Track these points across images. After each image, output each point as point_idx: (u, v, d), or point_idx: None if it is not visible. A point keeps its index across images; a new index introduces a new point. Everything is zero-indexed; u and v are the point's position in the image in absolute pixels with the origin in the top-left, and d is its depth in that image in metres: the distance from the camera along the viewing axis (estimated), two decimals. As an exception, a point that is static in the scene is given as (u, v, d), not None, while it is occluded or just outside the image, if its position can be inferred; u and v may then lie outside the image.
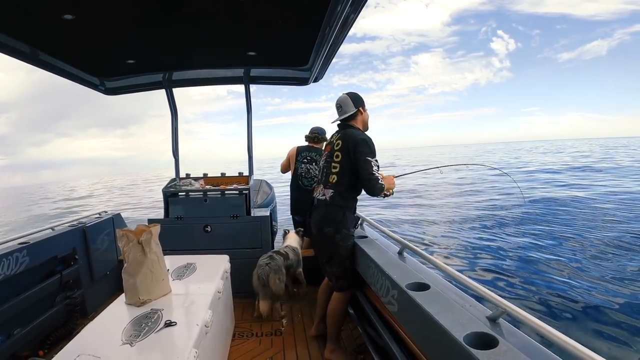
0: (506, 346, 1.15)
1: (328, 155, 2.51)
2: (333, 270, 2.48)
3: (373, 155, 2.31)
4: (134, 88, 3.82)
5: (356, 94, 2.54)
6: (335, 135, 2.54)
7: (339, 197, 2.39)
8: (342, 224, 2.40)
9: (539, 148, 78.20)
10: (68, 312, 2.88)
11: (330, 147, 2.51)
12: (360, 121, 2.54)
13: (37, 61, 2.71)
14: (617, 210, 10.34)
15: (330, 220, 2.41)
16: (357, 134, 2.39)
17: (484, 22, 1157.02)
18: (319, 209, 2.48)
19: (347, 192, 2.41)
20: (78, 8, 2.04)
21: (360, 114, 2.53)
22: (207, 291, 2.09)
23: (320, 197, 2.48)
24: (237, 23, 2.42)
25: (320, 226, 2.46)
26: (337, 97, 2.58)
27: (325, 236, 2.43)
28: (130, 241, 1.95)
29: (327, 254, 2.48)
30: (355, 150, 2.30)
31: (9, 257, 2.36)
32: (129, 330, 1.63)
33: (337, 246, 2.41)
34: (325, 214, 2.43)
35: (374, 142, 2.36)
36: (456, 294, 1.60)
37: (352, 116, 2.51)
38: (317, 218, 2.49)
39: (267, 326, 2.97)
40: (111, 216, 3.71)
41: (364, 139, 2.35)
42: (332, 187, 2.41)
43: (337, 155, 2.41)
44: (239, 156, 3.96)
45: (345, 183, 2.38)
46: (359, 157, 2.28)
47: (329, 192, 2.41)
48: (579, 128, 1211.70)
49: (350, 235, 2.46)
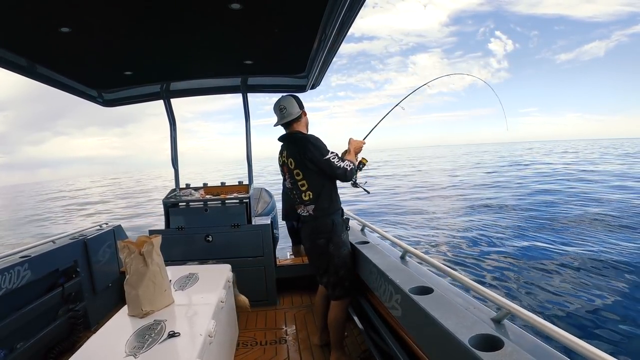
0: (512, 347, 1.14)
1: (289, 176, 2.42)
2: (330, 280, 2.44)
3: (326, 152, 2.27)
4: (132, 99, 3.84)
5: (297, 97, 2.44)
6: (285, 155, 2.43)
7: (321, 208, 2.35)
8: (334, 232, 2.37)
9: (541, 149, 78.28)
10: (70, 325, 2.87)
11: (287, 168, 2.42)
12: (304, 124, 2.46)
13: (34, 74, 2.72)
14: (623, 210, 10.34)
15: (320, 232, 2.38)
16: (299, 142, 2.33)
17: (482, 22, 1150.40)
18: (307, 223, 2.45)
19: (326, 201, 2.36)
20: (75, 21, 2.05)
21: (304, 116, 2.45)
22: (210, 301, 2.08)
23: (304, 214, 2.44)
24: (233, 32, 2.44)
25: (312, 238, 2.43)
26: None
27: (319, 247, 2.40)
28: (131, 252, 1.95)
29: (322, 265, 2.44)
30: (309, 159, 2.26)
31: (10, 270, 2.35)
32: (133, 342, 1.62)
33: (331, 256, 2.37)
34: (314, 226, 2.40)
35: (320, 138, 2.32)
36: (460, 297, 1.59)
37: (297, 119, 2.41)
38: (307, 231, 2.45)
39: (271, 335, 2.96)
40: (112, 228, 3.70)
41: (308, 143, 2.29)
42: (310, 203, 2.36)
43: (298, 174, 2.35)
44: (239, 155, 3.96)
45: (320, 194, 2.34)
46: (317, 164, 2.26)
47: (310, 208, 2.37)
48: (577, 129, 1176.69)
49: (343, 243, 2.42)
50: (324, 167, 2.27)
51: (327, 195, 2.36)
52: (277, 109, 2.43)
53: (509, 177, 22.07)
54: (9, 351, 2.29)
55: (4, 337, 2.27)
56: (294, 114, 2.39)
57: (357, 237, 2.69)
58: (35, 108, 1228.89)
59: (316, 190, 2.33)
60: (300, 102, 2.43)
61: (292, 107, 2.39)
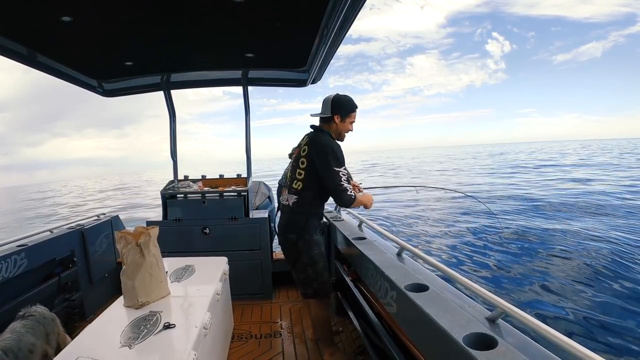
0: (505, 347, 1.15)
1: (295, 159, 2.42)
2: (298, 276, 2.43)
3: (340, 165, 2.22)
4: (132, 90, 3.82)
5: (342, 101, 2.38)
6: (304, 139, 2.43)
7: (302, 204, 2.32)
8: (305, 230, 2.34)
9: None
10: (67, 314, 2.87)
11: (299, 150, 2.41)
12: (334, 129, 2.39)
13: (35, 63, 2.71)
14: (618, 209, 10.38)
15: (292, 226, 2.36)
16: (324, 141, 2.29)
17: (479, 24, 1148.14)
18: (284, 214, 2.43)
19: (311, 200, 2.34)
20: (76, 10, 2.04)
21: (334, 122, 2.37)
22: (206, 293, 2.09)
23: (284, 202, 2.42)
24: (235, 24, 2.42)
25: (284, 231, 2.41)
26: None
27: (289, 242, 2.39)
28: (128, 243, 1.95)
29: (291, 259, 2.44)
30: (321, 159, 2.23)
31: (7, 259, 2.35)
32: (128, 333, 1.63)
33: (300, 252, 2.35)
34: (288, 220, 2.38)
35: (342, 150, 2.29)
36: (455, 295, 1.60)
37: (326, 120, 2.39)
38: (281, 223, 2.44)
39: (266, 328, 2.97)
40: (109, 218, 3.70)
41: (330, 146, 2.24)
42: (295, 193, 2.33)
43: (303, 162, 2.32)
44: (237, 157, 3.97)
45: (309, 190, 2.31)
46: (325, 166, 2.21)
47: (292, 198, 2.34)
48: (574, 129, 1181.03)
49: (313, 242, 2.37)
50: (331, 176, 2.20)
51: (314, 196, 2.33)
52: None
53: (506, 178, 22.10)
54: None
55: (0, 326, 2.27)
56: (323, 114, 2.37)
57: (354, 233, 2.69)
58: (33, 109, 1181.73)
59: (307, 186, 2.31)
60: (338, 106, 2.35)
61: (325, 108, 2.36)
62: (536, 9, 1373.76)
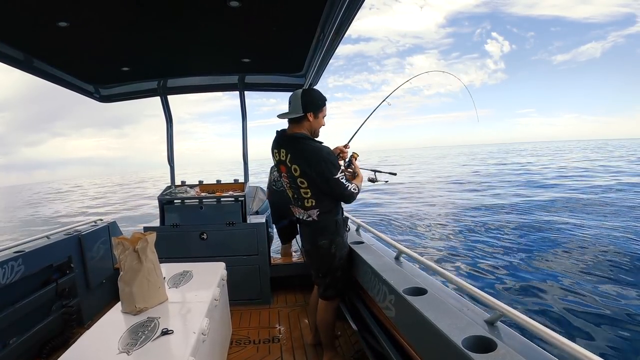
0: (505, 349, 1.15)
1: (290, 179, 2.23)
2: (325, 280, 2.37)
3: (337, 169, 2.12)
4: (129, 95, 3.82)
5: (312, 96, 2.17)
6: (283, 153, 2.19)
7: (325, 212, 2.24)
8: (337, 233, 2.29)
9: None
10: (64, 320, 2.85)
11: (285, 168, 2.21)
12: (307, 128, 2.20)
13: (31, 69, 2.71)
14: (617, 213, 10.42)
15: (323, 233, 2.27)
16: (312, 154, 2.11)
17: (478, 24, 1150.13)
18: (309, 226, 2.31)
19: (330, 203, 2.25)
20: (73, 15, 2.05)
21: (307, 120, 2.17)
22: (204, 299, 2.08)
23: (305, 218, 2.29)
24: (231, 30, 2.43)
25: (313, 240, 2.31)
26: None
27: (321, 249, 2.29)
28: (126, 249, 1.94)
29: (323, 267, 2.36)
30: (317, 172, 2.10)
31: (4, 265, 2.34)
32: (126, 339, 1.62)
33: (334, 257, 2.30)
34: (317, 227, 2.28)
35: (329, 148, 2.20)
36: (453, 298, 1.60)
37: (296, 120, 2.18)
38: (309, 232, 2.34)
39: (264, 333, 2.95)
40: (107, 224, 3.69)
41: (321, 155, 2.10)
42: (313, 208, 2.23)
43: (302, 182, 2.16)
44: (237, 157, 3.96)
45: (324, 199, 2.22)
46: (324, 180, 2.10)
47: (314, 213, 2.23)
48: (574, 129, 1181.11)
49: (344, 243, 2.37)
50: (331, 185, 2.12)
51: (331, 200, 2.25)
52: (288, 100, 2.23)
53: (503, 179, 22.17)
54: (2, 346, 2.28)
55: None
56: (293, 114, 2.16)
57: (352, 237, 2.69)
58: (32, 109, 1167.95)
59: (319, 198, 2.20)
60: (309, 103, 2.15)
61: (295, 107, 2.15)
62: (535, 9, 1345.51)
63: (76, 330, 2.91)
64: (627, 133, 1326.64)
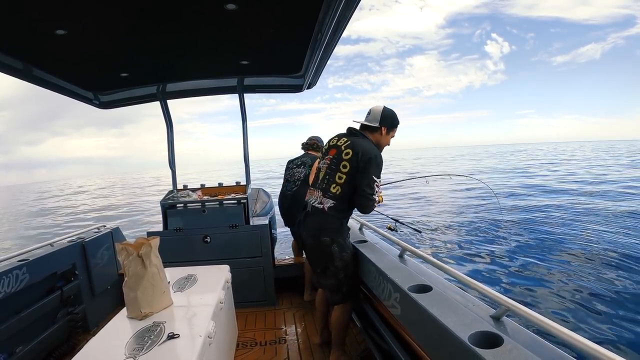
0: (511, 344, 1.14)
1: (334, 161, 2.30)
2: (328, 282, 2.36)
3: (379, 176, 2.21)
4: (129, 101, 3.83)
5: (391, 115, 2.38)
6: (343, 140, 2.33)
7: (338, 210, 2.25)
8: (340, 233, 2.29)
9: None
10: (70, 328, 2.86)
11: (337, 151, 2.31)
12: (377, 139, 2.38)
13: (30, 77, 2.71)
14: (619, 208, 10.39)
15: (327, 229, 2.27)
16: (370, 149, 2.24)
17: (478, 25, 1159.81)
18: (313, 216, 2.32)
19: (347, 206, 2.28)
20: (70, 23, 2.05)
21: (379, 133, 2.37)
22: (209, 302, 2.08)
23: (316, 204, 2.30)
24: (229, 32, 2.43)
25: (315, 234, 2.31)
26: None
27: (322, 245, 2.29)
28: (130, 254, 1.94)
29: (321, 264, 2.36)
30: (366, 164, 2.18)
31: (8, 274, 2.34)
32: (132, 344, 1.62)
33: (333, 257, 2.28)
34: (322, 222, 2.28)
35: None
36: (459, 295, 1.60)
37: (370, 129, 2.37)
38: (312, 225, 2.34)
39: (270, 335, 2.95)
40: (110, 230, 3.69)
41: (377, 156, 2.22)
42: (332, 197, 2.24)
43: (345, 166, 2.23)
44: (238, 157, 3.98)
45: (346, 196, 2.24)
46: (367, 173, 2.17)
47: (327, 202, 2.25)
48: (573, 130, 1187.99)
49: (346, 246, 2.33)
50: (366, 182, 2.18)
51: (349, 201, 2.27)
52: (367, 112, 2.43)
53: (509, 177, 22.13)
54: (8, 355, 2.28)
55: (3, 341, 2.26)
56: (372, 123, 2.35)
57: (355, 236, 2.69)
58: (33, 108, 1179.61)
59: (345, 191, 2.23)
60: (387, 119, 2.36)
61: (374, 118, 2.36)
62: (535, 10, 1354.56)
63: (82, 337, 2.91)
64: (627, 134, 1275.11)
